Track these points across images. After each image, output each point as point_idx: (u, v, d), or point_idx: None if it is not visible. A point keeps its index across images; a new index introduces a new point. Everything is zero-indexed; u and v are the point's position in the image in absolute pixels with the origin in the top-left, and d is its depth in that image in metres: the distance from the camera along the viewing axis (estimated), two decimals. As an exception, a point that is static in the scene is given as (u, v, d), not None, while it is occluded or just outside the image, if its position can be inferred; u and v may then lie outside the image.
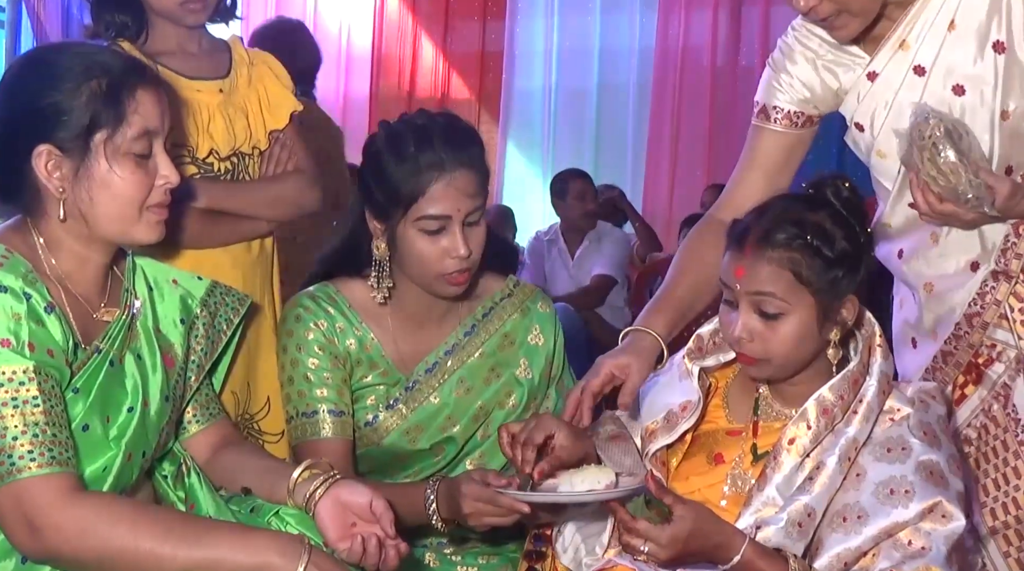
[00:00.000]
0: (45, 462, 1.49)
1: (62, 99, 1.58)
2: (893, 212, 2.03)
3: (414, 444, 2.05)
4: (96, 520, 1.50)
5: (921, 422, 1.73)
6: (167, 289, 1.78)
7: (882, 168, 2.02)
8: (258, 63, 2.31)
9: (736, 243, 1.76)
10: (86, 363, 1.62)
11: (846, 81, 2.01)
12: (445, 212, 1.93)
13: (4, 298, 1.52)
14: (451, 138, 1.96)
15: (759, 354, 1.75)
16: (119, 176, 1.61)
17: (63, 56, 1.63)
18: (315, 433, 1.98)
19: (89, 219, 1.62)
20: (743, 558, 1.64)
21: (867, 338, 1.80)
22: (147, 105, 1.62)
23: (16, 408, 1.50)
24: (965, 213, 1.80)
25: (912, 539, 1.63)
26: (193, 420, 1.83)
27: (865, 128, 2.01)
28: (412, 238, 1.95)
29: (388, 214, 1.96)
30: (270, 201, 2.24)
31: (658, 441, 1.83)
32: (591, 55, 7.36)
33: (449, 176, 1.93)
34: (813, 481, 1.69)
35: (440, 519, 1.85)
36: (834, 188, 1.75)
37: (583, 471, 1.76)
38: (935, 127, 1.79)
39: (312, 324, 2.02)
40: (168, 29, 2.18)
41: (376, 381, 2.05)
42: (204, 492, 1.74)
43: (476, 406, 2.07)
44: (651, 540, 1.62)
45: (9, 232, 1.64)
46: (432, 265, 1.95)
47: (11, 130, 1.61)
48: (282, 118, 2.29)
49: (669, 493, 1.67)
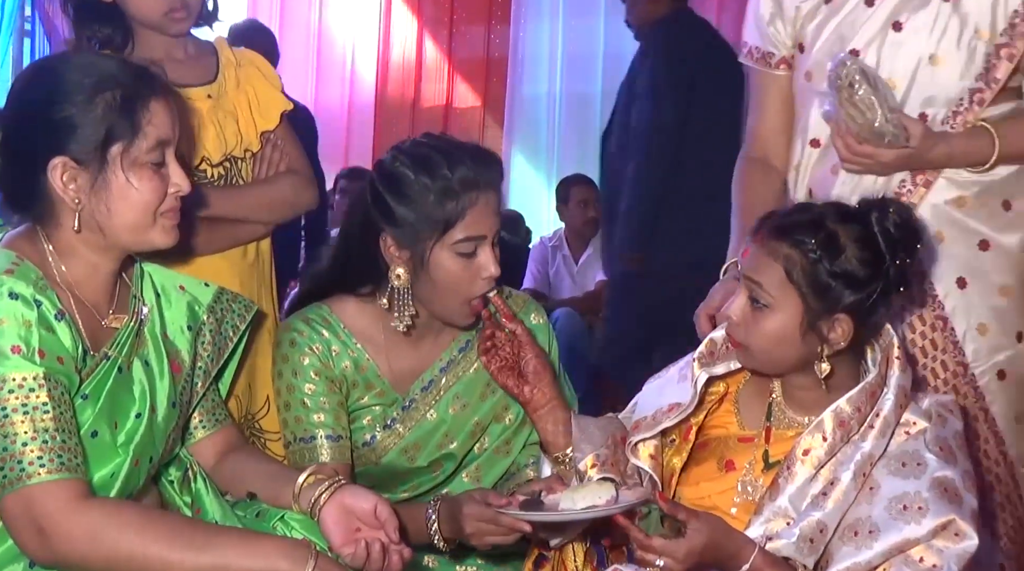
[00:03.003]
0: (54, 468, 1.50)
1: (76, 112, 1.59)
2: (797, 142, 2.14)
3: (413, 462, 2.06)
4: (105, 526, 1.51)
5: (937, 437, 1.72)
6: (174, 295, 1.80)
7: (804, 91, 2.13)
8: (245, 64, 2.30)
9: (756, 227, 1.77)
10: (95, 369, 1.63)
11: (805, 5, 2.11)
12: (481, 233, 1.90)
13: (15, 305, 1.54)
14: (479, 158, 1.93)
15: (741, 339, 1.76)
16: (136, 187, 1.62)
17: (73, 67, 1.64)
18: (313, 459, 1.96)
19: (105, 229, 1.63)
20: (752, 566, 1.65)
21: (885, 349, 1.79)
22: (160, 115, 1.64)
23: (26, 414, 1.51)
24: (883, 154, 1.88)
25: (924, 556, 1.62)
26: (199, 426, 1.85)
27: (805, 47, 2.11)
28: (445, 261, 1.90)
29: (418, 238, 1.90)
30: (266, 204, 2.23)
31: (640, 433, 1.83)
32: (596, 60, 7.35)
33: (486, 197, 1.91)
34: (827, 496, 1.69)
35: (442, 538, 1.87)
36: (881, 212, 1.72)
37: (584, 488, 1.76)
38: (852, 67, 1.88)
39: (307, 348, 2.00)
40: (153, 39, 2.17)
41: (373, 402, 2.04)
42: (210, 497, 1.75)
43: (473, 422, 2.07)
44: (667, 555, 1.63)
45: (19, 239, 1.66)
46: (463, 287, 1.92)
47: (24, 142, 1.62)
48: (273, 119, 2.28)
49: (682, 508, 1.68)
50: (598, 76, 7.33)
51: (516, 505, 1.78)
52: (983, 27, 1.99)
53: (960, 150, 1.99)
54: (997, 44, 1.99)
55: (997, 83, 2.00)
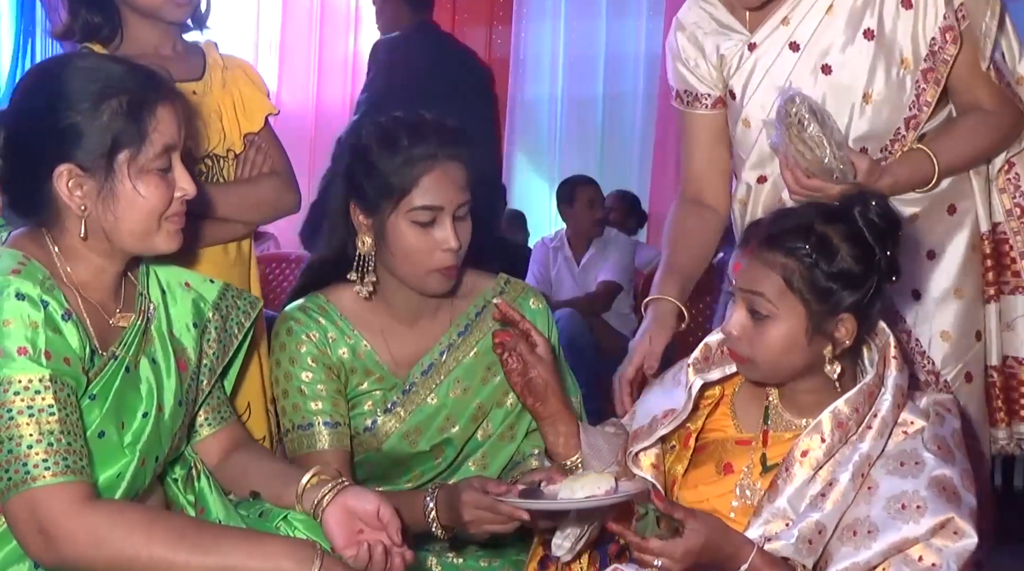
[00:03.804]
0: (59, 471, 1.50)
1: (82, 119, 1.59)
2: (743, 180, 2.20)
3: (414, 446, 2.06)
4: (110, 528, 1.51)
5: (935, 436, 1.72)
6: (180, 293, 1.79)
7: (743, 138, 2.18)
8: (232, 67, 2.29)
9: (743, 239, 1.77)
10: (102, 369, 1.63)
11: (727, 50, 2.16)
12: (438, 203, 1.95)
13: (22, 306, 1.53)
14: (442, 132, 1.99)
15: (746, 353, 1.75)
16: (143, 194, 1.62)
17: (78, 72, 1.63)
18: (311, 446, 1.98)
19: (112, 235, 1.63)
20: (751, 566, 1.65)
21: (882, 349, 1.78)
22: (167, 121, 1.63)
23: (31, 416, 1.50)
24: (831, 188, 1.92)
25: (923, 555, 1.62)
26: (205, 423, 1.85)
27: (737, 96, 2.16)
28: (403, 231, 1.96)
29: (377, 207, 1.97)
30: (247, 204, 2.22)
31: (639, 443, 1.83)
32: (597, 61, 7.36)
33: (442, 167, 1.95)
34: (825, 498, 1.68)
35: (440, 526, 1.87)
36: (863, 206, 1.73)
37: (583, 477, 1.76)
38: (801, 105, 1.93)
39: (304, 336, 2.02)
40: (143, 32, 2.15)
41: (372, 387, 2.06)
42: (214, 496, 1.75)
43: (474, 405, 2.08)
44: (665, 556, 1.63)
45: (24, 239, 1.65)
46: (423, 258, 1.97)
47: (29, 148, 1.62)
48: (257, 121, 2.27)
49: (678, 508, 1.68)
50: (599, 78, 7.35)
51: (515, 493, 1.78)
52: (907, 55, 2.06)
53: (904, 177, 2.06)
54: (923, 70, 2.07)
55: (928, 106, 2.09)
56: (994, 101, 2.10)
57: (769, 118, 2.03)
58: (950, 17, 2.04)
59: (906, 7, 2.05)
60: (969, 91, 2.11)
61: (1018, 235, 2.17)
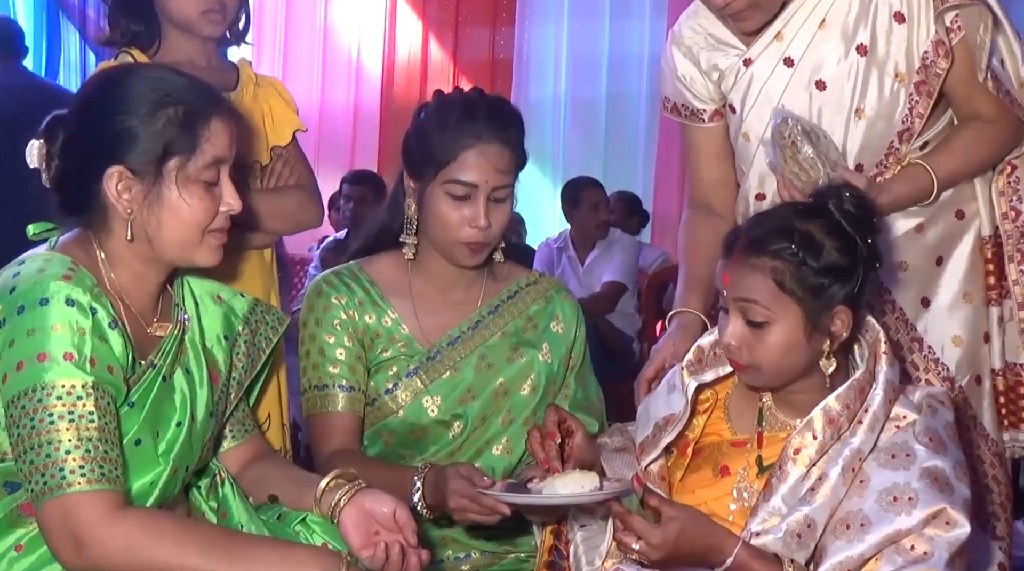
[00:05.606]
0: (95, 479, 1.51)
1: (137, 124, 1.61)
2: (743, 197, 2.21)
3: (432, 414, 2.08)
4: (141, 536, 1.52)
5: (927, 428, 1.71)
6: (211, 305, 1.81)
7: (744, 151, 2.19)
8: (264, 84, 2.35)
9: (727, 249, 1.76)
10: (142, 377, 1.64)
11: (724, 65, 2.17)
12: (473, 180, 2.00)
13: (71, 312, 1.54)
14: (494, 114, 2.04)
15: (748, 361, 1.74)
16: (187, 203, 1.64)
17: (142, 80, 1.65)
18: (325, 407, 2.05)
19: (154, 241, 1.65)
20: (736, 560, 1.64)
21: (872, 345, 1.79)
22: (220, 135, 1.65)
23: (72, 422, 1.51)
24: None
25: (915, 544, 1.61)
26: (228, 435, 1.86)
27: (736, 110, 2.18)
28: (438, 200, 2.02)
29: (422, 174, 2.04)
30: (270, 213, 2.26)
31: (647, 456, 1.84)
32: (601, 62, 7.36)
33: (484, 147, 2.01)
34: (815, 492, 1.68)
35: (425, 505, 1.88)
36: (836, 198, 1.73)
37: (568, 475, 1.78)
38: (794, 127, 1.95)
39: (332, 298, 2.09)
40: (181, 42, 2.20)
41: (396, 354, 2.10)
42: (236, 502, 1.76)
43: (497, 383, 2.10)
44: (643, 538, 1.64)
45: (72, 245, 1.66)
46: (452, 230, 2.02)
47: (85, 149, 1.64)
48: (285, 135, 2.32)
49: (655, 495, 1.68)
50: (603, 79, 7.33)
51: (499, 488, 1.81)
52: (901, 68, 2.07)
53: (903, 194, 2.08)
54: (915, 82, 2.08)
55: (921, 118, 2.09)
56: (993, 111, 2.11)
57: (766, 138, 2.05)
58: (941, 32, 2.04)
59: (899, 21, 2.06)
60: (968, 102, 2.12)
61: (1011, 238, 2.17)
